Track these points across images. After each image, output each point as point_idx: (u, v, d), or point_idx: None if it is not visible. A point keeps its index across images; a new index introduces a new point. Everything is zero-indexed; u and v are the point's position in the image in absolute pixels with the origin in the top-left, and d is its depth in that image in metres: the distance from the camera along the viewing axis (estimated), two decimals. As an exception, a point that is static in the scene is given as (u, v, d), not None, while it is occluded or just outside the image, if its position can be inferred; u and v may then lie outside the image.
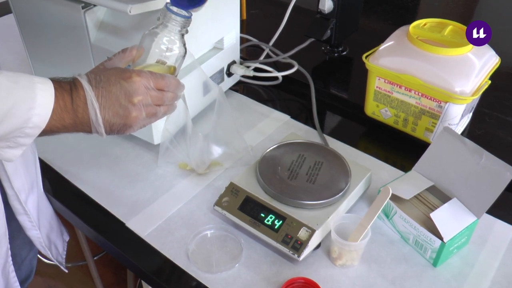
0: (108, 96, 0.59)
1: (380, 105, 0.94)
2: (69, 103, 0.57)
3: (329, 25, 1.10)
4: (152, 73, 0.62)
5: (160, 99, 0.63)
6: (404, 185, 0.76)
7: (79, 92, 0.58)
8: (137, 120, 0.61)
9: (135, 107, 0.60)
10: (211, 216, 0.78)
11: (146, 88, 0.61)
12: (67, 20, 0.84)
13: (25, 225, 0.78)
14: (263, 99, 1.08)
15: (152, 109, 0.63)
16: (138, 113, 0.61)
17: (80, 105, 0.57)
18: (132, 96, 0.60)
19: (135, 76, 0.60)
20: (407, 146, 0.93)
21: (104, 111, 0.59)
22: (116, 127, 0.61)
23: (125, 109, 0.60)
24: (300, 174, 0.77)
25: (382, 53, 0.90)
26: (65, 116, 0.57)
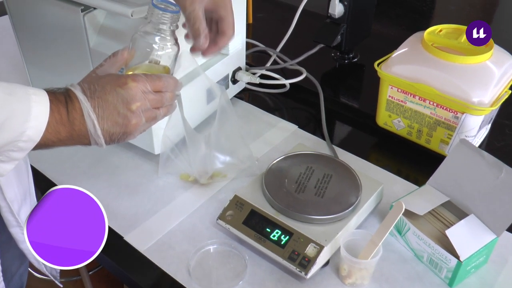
0: (105, 105, 0.59)
1: (392, 115, 0.94)
2: (65, 115, 0.57)
3: (340, 31, 1.11)
4: (147, 75, 0.63)
5: (159, 101, 0.64)
6: (418, 200, 0.76)
7: (74, 104, 0.58)
8: (137, 127, 0.62)
9: (134, 114, 0.61)
10: (214, 230, 0.79)
11: (144, 92, 0.62)
12: (65, 23, 0.85)
13: (17, 237, 0.78)
14: (269, 108, 1.08)
15: (152, 113, 0.63)
16: (138, 120, 0.61)
17: (77, 118, 0.58)
18: (130, 103, 0.60)
19: (131, 81, 0.61)
20: (421, 159, 0.93)
21: (103, 121, 0.59)
22: (116, 136, 0.61)
23: (124, 118, 0.60)
24: (308, 187, 0.77)
25: (395, 60, 0.91)
26: (60, 129, 0.57)
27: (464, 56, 0.85)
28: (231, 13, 0.74)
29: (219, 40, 0.74)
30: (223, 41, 0.75)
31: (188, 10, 0.70)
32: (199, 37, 0.72)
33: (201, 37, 0.71)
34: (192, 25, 0.71)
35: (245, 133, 0.98)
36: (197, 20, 0.70)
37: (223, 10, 0.73)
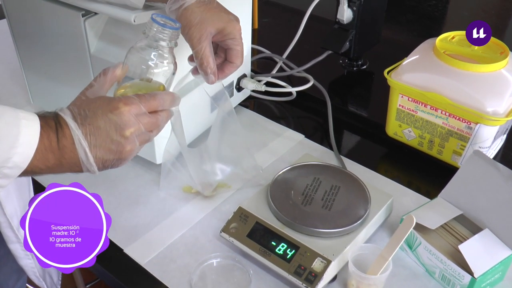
0: (97, 133, 0.58)
1: (403, 125, 0.95)
2: (54, 142, 0.57)
3: (348, 37, 1.12)
4: (140, 96, 0.62)
5: (153, 124, 0.63)
6: (430, 214, 0.77)
7: (64, 131, 0.57)
8: (131, 153, 0.61)
9: (128, 140, 0.60)
10: (217, 243, 0.79)
11: (137, 116, 0.61)
12: (65, 28, 0.86)
13: (17, 254, 0.78)
14: (275, 117, 1.09)
15: (146, 136, 0.63)
16: (132, 146, 0.61)
17: (67, 145, 0.57)
18: (124, 129, 0.59)
19: (123, 105, 0.60)
20: (432, 171, 0.94)
21: (95, 149, 0.58)
22: (109, 163, 0.60)
23: (117, 144, 0.59)
24: (315, 199, 0.77)
25: (406, 68, 0.92)
26: (49, 156, 0.56)
27: (478, 64, 0.86)
28: (240, 42, 0.75)
29: (226, 68, 0.75)
30: (230, 70, 0.75)
31: (196, 47, 0.71)
32: (207, 74, 0.73)
33: (208, 75, 0.73)
34: (200, 64, 0.72)
35: (250, 143, 0.99)
36: (205, 59, 0.71)
37: (232, 41, 0.74)
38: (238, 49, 0.74)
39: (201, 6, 0.71)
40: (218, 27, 0.72)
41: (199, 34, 0.70)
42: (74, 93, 0.95)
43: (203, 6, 0.71)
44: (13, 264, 0.81)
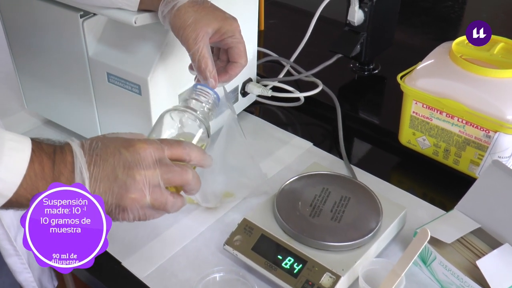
0: (102, 165, 0.54)
1: (417, 133, 0.95)
2: (48, 168, 0.53)
3: (359, 40, 1.12)
4: (162, 140, 0.58)
5: (176, 175, 0.56)
6: (445, 227, 0.77)
7: (65, 157, 0.54)
8: (135, 203, 0.55)
9: (136, 184, 0.54)
10: (220, 256, 0.80)
11: (155, 160, 0.55)
12: (62, 29, 0.87)
13: (15, 268, 0.78)
14: (282, 123, 1.09)
15: (161, 195, 0.56)
16: (139, 194, 0.55)
17: (64, 173, 0.53)
18: (133, 168, 0.54)
19: (140, 143, 0.55)
20: (448, 181, 0.94)
21: (95, 184, 0.54)
22: (106, 208, 0.55)
23: (121, 185, 0.54)
24: (323, 210, 0.78)
25: (420, 73, 0.92)
26: (40, 185, 0.53)
27: (497, 70, 0.86)
28: (241, 40, 0.74)
29: (230, 69, 0.74)
30: (234, 71, 0.74)
31: (192, 49, 0.69)
32: (207, 79, 0.71)
33: (208, 79, 0.71)
34: (198, 67, 0.71)
35: (255, 151, 0.99)
36: (203, 61, 0.69)
37: (231, 39, 0.73)
38: (239, 46, 0.74)
39: (194, 6, 0.71)
40: (214, 26, 0.72)
41: (195, 34, 0.69)
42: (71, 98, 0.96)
43: (197, 5, 0.71)
44: (7, 279, 0.81)
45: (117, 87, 0.86)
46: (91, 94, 0.91)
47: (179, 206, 0.60)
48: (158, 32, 0.82)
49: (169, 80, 0.85)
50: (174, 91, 0.88)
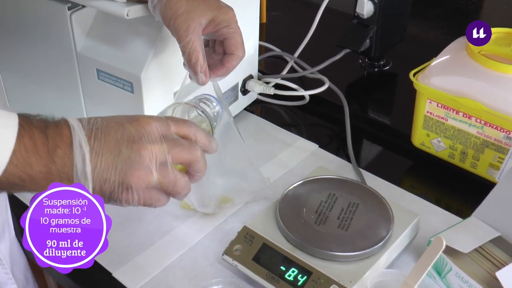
0: (104, 139, 0.53)
1: (431, 134, 0.95)
2: (41, 143, 0.52)
3: (369, 33, 1.13)
4: (169, 116, 0.58)
5: (185, 149, 0.56)
6: (462, 235, 0.77)
7: (61, 131, 0.53)
8: (140, 181, 0.54)
9: (141, 159, 0.54)
10: (219, 267, 0.80)
11: (161, 135, 0.55)
12: (48, 22, 0.88)
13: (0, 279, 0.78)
14: (285, 123, 1.10)
15: (169, 172, 0.55)
16: (145, 171, 0.54)
17: (61, 147, 0.52)
18: (138, 142, 0.54)
19: (145, 118, 0.55)
20: (465, 186, 0.94)
21: (96, 158, 0.53)
22: (109, 186, 0.54)
23: (126, 160, 0.53)
24: (330, 218, 0.78)
25: (435, 70, 0.92)
26: (33, 160, 0.52)
27: (517, 66, 0.86)
28: (237, 30, 0.74)
29: (227, 62, 0.75)
30: (231, 63, 0.75)
31: (183, 40, 0.69)
32: (196, 74, 0.71)
33: (198, 74, 0.71)
34: (188, 61, 0.71)
35: (256, 153, 1.00)
36: (194, 54, 0.70)
37: (227, 29, 0.73)
38: (236, 37, 0.74)
39: None
40: (208, 16, 0.72)
41: (186, 25, 0.69)
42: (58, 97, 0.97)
43: None
44: None
45: (108, 85, 0.86)
46: (79, 92, 0.91)
47: (188, 189, 0.60)
48: (151, 25, 0.82)
49: (164, 77, 0.86)
50: (169, 89, 0.88)
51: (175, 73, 0.86)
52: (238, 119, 1.08)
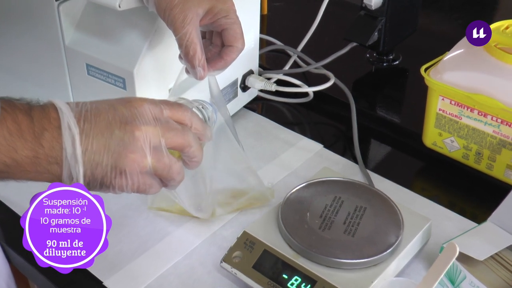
0: (94, 120, 0.54)
1: (444, 133, 0.95)
2: (26, 126, 0.53)
3: (377, 26, 1.13)
4: (163, 100, 0.59)
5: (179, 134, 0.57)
6: (477, 241, 0.77)
7: (48, 114, 0.54)
8: (134, 165, 0.55)
9: (135, 141, 0.55)
10: (217, 275, 0.80)
11: (154, 117, 0.56)
12: (34, 13, 0.88)
13: None
14: (287, 122, 1.10)
15: (164, 156, 0.57)
16: (139, 154, 0.55)
17: (49, 129, 0.53)
18: (131, 123, 0.55)
19: (137, 99, 0.57)
20: (480, 189, 0.94)
21: (87, 141, 0.54)
22: (101, 170, 0.55)
23: (118, 142, 0.54)
24: (335, 223, 0.78)
25: (448, 64, 0.92)
26: (18, 144, 0.52)
27: (537, 61, 0.87)
28: (236, 20, 0.74)
29: (225, 54, 0.75)
30: (230, 56, 0.75)
31: (179, 32, 0.70)
32: (194, 67, 0.72)
33: (196, 67, 0.72)
34: (185, 54, 0.71)
35: (257, 153, 1.00)
36: (191, 46, 0.70)
37: (225, 19, 0.73)
38: (235, 28, 0.74)
39: None
40: (205, 6, 0.72)
41: (183, 16, 0.70)
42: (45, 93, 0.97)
43: None
44: None
45: (98, 81, 0.87)
46: (68, 88, 0.91)
47: (182, 176, 0.61)
48: (145, 17, 0.83)
49: (158, 72, 0.86)
50: (163, 85, 0.88)
51: (171, 68, 0.86)
52: (238, 117, 1.08)
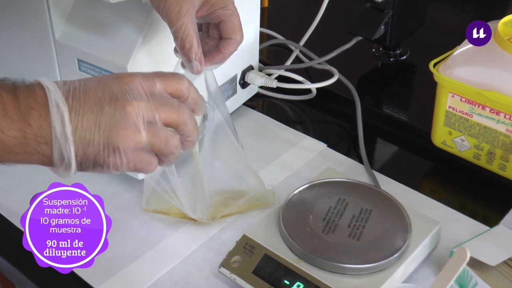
0: (83, 97, 0.55)
1: (454, 132, 0.95)
2: (11, 105, 0.53)
3: (384, 19, 1.13)
4: (156, 72, 0.60)
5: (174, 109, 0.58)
6: (488, 246, 0.77)
7: (34, 92, 0.54)
8: (128, 140, 0.56)
9: (127, 116, 0.55)
10: (215, 281, 0.80)
11: (146, 92, 0.57)
12: (23, 6, 0.88)
13: None
14: (289, 120, 1.10)
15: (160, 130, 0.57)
16: (132, 129, 0.56)
17: (36, 108, 0.54)
18: (123, 98, 0.56)
19: (127, 74, 0.58)
20: (492, 191, 0.94)
21: (77, 118, 0.54)
22: (93, 149, 0.56)
23: (109, 118, 0.55)
24: (339, 226, 0.78)
25: (458, 59, 0.92)
26: (4, 124, 0.53)
27: (551, 55, 0.87)
28: (234, 11, 0.74)
29: (223, 47, 0.75)
30: (228, 49, 0.75)
31: (175, 25, 0.70)
32: (191, 61, 0.72)
33: (192, 61, 0.72)
34: (181, 47, 0.71)
35: (257, 154, 1.00)
36: (187, 39, 0.70)
37: (223, 10, 0.73)
38: (233, 19, 0.74)
39: None
40: None
41: (178, 7, 0.69)
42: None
43: None
44: None
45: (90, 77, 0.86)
46: (58, 85, 0.91)
47: (179, 150, 0.61)
48: (139, 9, 0.82)
49: (153, 68, 0.85)
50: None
51: (166, 63, 0.86)
52: (237, 115, 1.08)
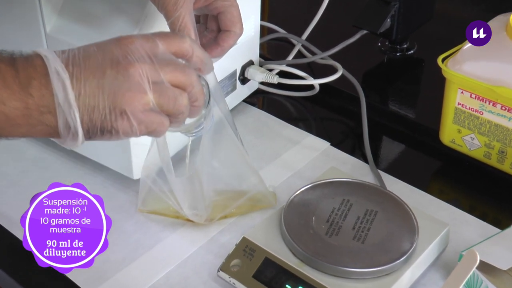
0: (84, 63, 0.55)
1: (463, 130, 0.95)
2: (11, 76, 0.54)
3: (390, 12, 1.13)
4: (157, 32, 0.60)
5: (179, 69, 0.59)
6: (499, 249, 0.77)
7: (33, 62, 0.55)
8: (134, 102, 0.56)
9: (131, 78, 0.56)
10: (214, 286, 0.80)
11: (149, 54, 0.57)
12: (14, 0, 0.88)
13: None
14: (291, 118, 1.10)
15: (167, 88, 0.58)
16: (137, 90, 0.56)
17: (36, 77, 0.54)
18: (124, 60, 0.56)
19: (127, 36, 0.58)
20: (503, 191, 0.94)
21: (79, 84, 0.55)
22: (98, 114, 0.56)
23: (112, 81, 0.55)
24: (344, 228, 0.78)
25: (468, 54, 0.92)
26: (4, 96, 0.53)
27: None
28: (233, 3, 0.74)
29: (222, 40, 0.75)
30: (227, 42, 0.75)
31: (172, 16, 0.70)
32: None
33: None
34: None
35: (257, 153, 1.00)
36: (185, 31, 0.70)
37: (222, 1, 0.73)
38: (232, 11, 0.74)
39: None
40: None
41: None
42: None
43: None
44: None
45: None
46: (49, 80, 0.91)
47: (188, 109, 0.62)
48: (134, 2, 0.83)
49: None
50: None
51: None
52: (236, 113, 1.08)
